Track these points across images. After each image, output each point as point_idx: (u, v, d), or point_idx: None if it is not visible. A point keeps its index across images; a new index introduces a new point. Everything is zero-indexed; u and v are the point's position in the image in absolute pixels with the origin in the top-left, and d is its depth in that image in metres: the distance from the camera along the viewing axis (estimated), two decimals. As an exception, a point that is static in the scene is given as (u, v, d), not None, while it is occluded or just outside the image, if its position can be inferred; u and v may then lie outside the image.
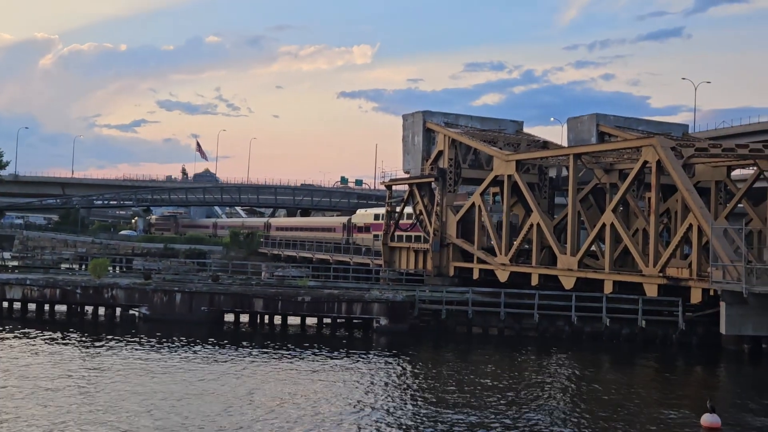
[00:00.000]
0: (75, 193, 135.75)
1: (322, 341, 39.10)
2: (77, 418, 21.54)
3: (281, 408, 23.76)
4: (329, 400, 25.24)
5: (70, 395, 24.46)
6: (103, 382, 26.59)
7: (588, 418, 24.27)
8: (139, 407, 23.14)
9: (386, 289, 47.75)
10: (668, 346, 39.77)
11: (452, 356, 36.51)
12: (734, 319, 37.40)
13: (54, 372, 28.20)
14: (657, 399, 28.40)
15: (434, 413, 24.09)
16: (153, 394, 24.95)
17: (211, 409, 23.28)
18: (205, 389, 26.14)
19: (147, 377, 27.90)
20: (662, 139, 44.90)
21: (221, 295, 43.65)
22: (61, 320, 43.34)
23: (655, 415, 25.03)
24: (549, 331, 41.71)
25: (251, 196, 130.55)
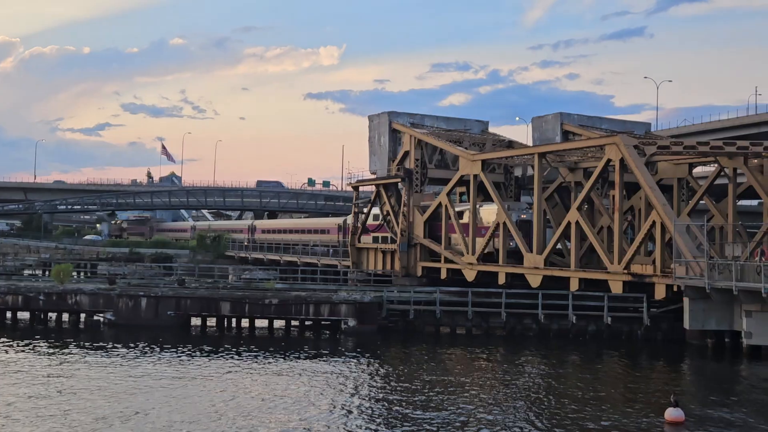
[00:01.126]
0: (38, 198, 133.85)
1: (290, 344, 38.88)
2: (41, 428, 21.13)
3: (248, 412, 23.51)
4: (297, 402, 25.01)
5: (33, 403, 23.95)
6: (67, 390, 26.08)
7: (554, 415, 24.36)
8: (103, 414, 22.74)
9: (354, 290, 47.64)
10: (634, 342, 40.19)
11: (420, 356, 36.46)
12: (697, 314, 37.88)
13: (17, 378, 27.62)
14: (622, 395, 28.64)
15: (402, 414, 24.00)
16: (117, 401, 24.55)
17: (176, 416, 22.96)
18: (171, 394, 25.78)
19: (111, 383, 27.44)
20: (625, 138, 45.36)
21: (187, 299, 43.17)
22: (24, 327, 42.51)
23: (620, 411, 25.19)
24: (516, 329, 41.92)
25: (217, 199, 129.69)
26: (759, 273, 35.36)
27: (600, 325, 41.09)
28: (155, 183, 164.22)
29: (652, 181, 43.32)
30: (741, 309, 36.62)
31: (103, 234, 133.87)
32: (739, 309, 36.84)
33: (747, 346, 36.00)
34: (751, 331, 36.12)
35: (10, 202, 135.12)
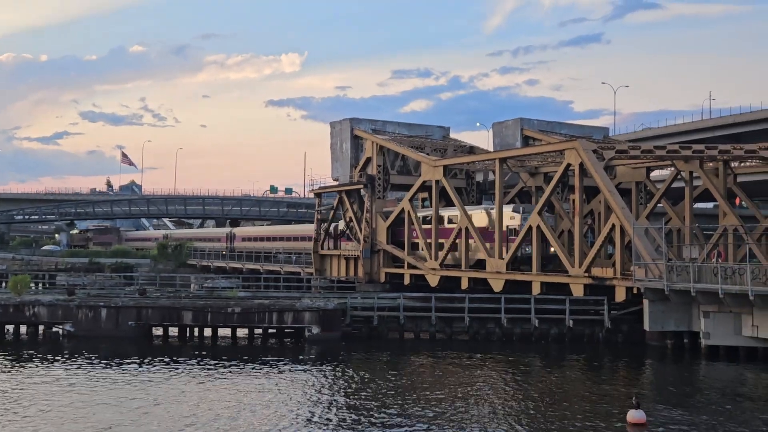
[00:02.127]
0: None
1: (253, 352, 38.49)
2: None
3: (209, 422, 23.18)
4: (259, 411, 24.72)
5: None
6: (25, 403, 25.50)
7: (517, 419, 24.39)
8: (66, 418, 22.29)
9: (318, 297, 47.37)
10: (595, 344, 40.44)
11: (384, 362, 36.35)
12: (657, 315, 38.32)
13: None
14: (584, 397, 28.75)
15: (366, 421, 23.87)
16: (76, 413, 24.04)
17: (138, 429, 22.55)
18: (132, 407, 25.31)
19: (71, 396, 26.86)
20: (584, 143, 45.77)
21: (149, 308, 42.54)
22: (-21, 341, 41.53)
23: (582, 413, 25.33)
24: (480, 333, 42.01)
25: (179, 207, 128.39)
26: (716, 274, 35.87)
27: (562, 328, 41.36)
28: (115, 192, 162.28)
29: (611, 185, 43.77)
30: (699, 310, 37.13)
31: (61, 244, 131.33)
32: (697, 310, 37.35)
33: (705, 347, 36.54)
34: (709, 332, 36.64)
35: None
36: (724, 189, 47.88)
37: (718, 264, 38.11)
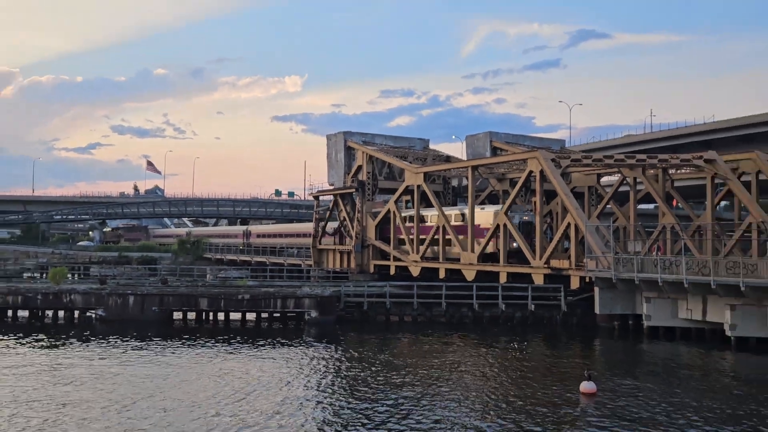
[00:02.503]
0: (36, 210, 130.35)
1: (261, 333, 38.42)
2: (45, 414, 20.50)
3: (224, 394, 23.16)
4: (266, 383, 24.75)
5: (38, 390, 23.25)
6: (66, 378, 25.39)
7: (485, 388, 24.52)
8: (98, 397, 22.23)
9: (316, 286, 47.37)
10: (553, 325, 40.60)
11: (373, 341, 36.36)
12: (606, 301, 38.52)
13: (21, 370, 26.78)
14: (543, 371, 28.88)
15: (358, 389, 23.94)
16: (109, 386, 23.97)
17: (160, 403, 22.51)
18: (158, 380, 25.26)
19: (104, 371, 26.77)
20: (544, 153, 45.89)
21: (170, 296, 42.46)
22: (23, 324, 41.24)
23: (542, 385, 25.45)
24: (455, 316, 42.05)
25: (196, 208, 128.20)
26: (656, 265, 36.12)
27: (525, 312, 41.48)
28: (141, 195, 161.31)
29: (567, 189, 43.93)
30: (641, 296, 37.35)
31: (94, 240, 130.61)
32: (640, 296, 37.57)
33: (647, 327, 36.73)
34: (650, 314, 36.85)
35: (11, 213, 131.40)
36: (663, 192, 48.12)
37: (657, 257, 38.40)
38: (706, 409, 21.86)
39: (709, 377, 28.06)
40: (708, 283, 33.41)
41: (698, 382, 26.61)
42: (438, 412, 21.23)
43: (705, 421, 20.45)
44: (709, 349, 32.83)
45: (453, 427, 19.70)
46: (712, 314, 34.75)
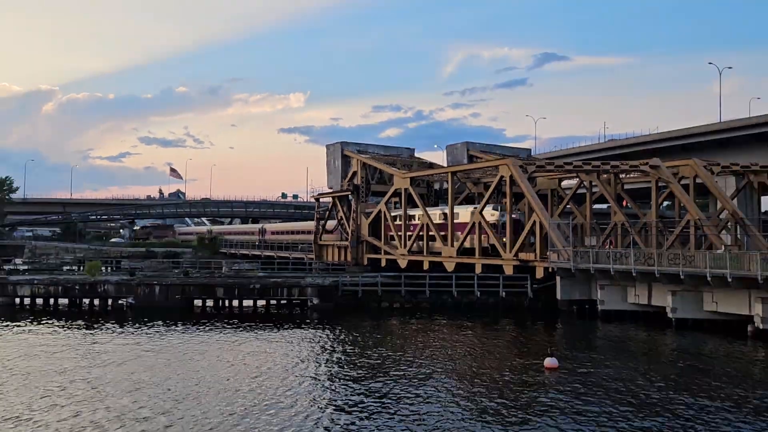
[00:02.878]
0: (74, 211, 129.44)
1: (270, 318, 38.41)
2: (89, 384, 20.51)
3: (238, 367, 23.23)
4: (276, 359, 24.81)
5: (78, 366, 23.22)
6: (103, 355, 25.37)
7: (462, 362, 24.68)
8: (134, 368, 22.26)
9: (317, 276, 47.33)
10: (521, 310, 40.52)
11: (367, 324, 36.39)
12: (566, 288, 38.76)
13: (63, 349, 26.73)
14: (512, 348, 29.09)
15: (353, 362, 24.05)
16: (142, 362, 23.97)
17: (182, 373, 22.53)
18: (182, 357, 25.25)
19: (136, 350, 26.74)
20: (513, 160, 46.07)
21: (191, 285, 42.42)
22: (63, 311, 41.04)
23: (511, 360, 25.67)
24: (437, 302, 41.96)
25: (213, 209, 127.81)
26: (608, 257, 36.37)
27: (497, 298, 41.44)
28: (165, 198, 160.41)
29: (533, 192, 44.10)
30: (596, 284, 37.55)
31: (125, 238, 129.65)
32: (595, 284, 37.77)
33: (601, 311, 36.90)
34: (604, 300, 37.08)
35: (52, 213, 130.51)
36: (615, 194, 48.36)
37: (610, 250, 38.68)
38: (652, 379, 22.10)
39: (654, 352, 28.37)
40: (653, 272, 33.68)
41: (645, 357, 26.87)
42: (422, 381, 21.34)
43: (651, 388, 20.68)
44: (654, 329, 33.06)
45: (435, 393, 19.84)
46: (657, 299, 35.06)
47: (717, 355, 27.16)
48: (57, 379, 21.80)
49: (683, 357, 26.84)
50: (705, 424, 17.14)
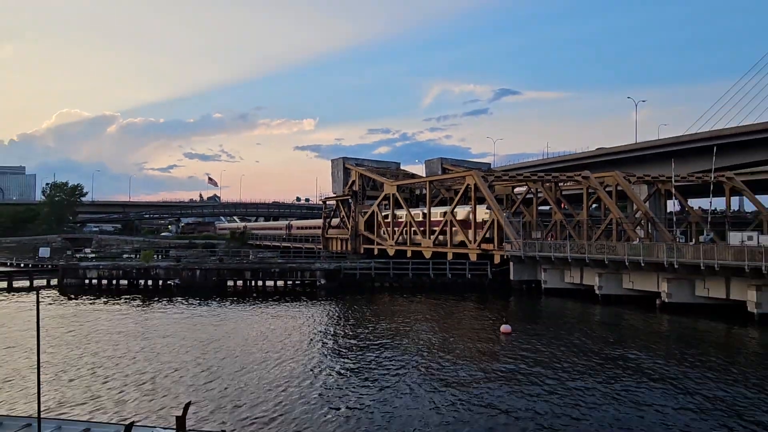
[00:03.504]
0: (131, 211, 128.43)
1: (287, 294, 38.44)
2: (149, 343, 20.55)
3: (266, 331, 23.32)
4: (293, 325, 24.91)
5: (139, 334, 23.24)
6: (156, 323, 25.39)
7: (436, 329, 24.81)
8: (181, 333, 22.31)
9: (324, 262, 47.36)
10: (483, 288, 40.54)
11: (363, 300, 36.45)
12: (517, 271, 39.05)
13: (127, 317, 26.71)
14: (475, 317, 29.25)
15: (353, 330, 24.17)
16: (189, 330, 24.00)
17: (219, 336, 22.59)
18: (221, 326, 25.31)
19: (183, 323, 26.76)
20: (477, 172, 46.34)
21: (224, 269, 42.33)
22: (123, 290, 40.89)
23: (473, 327, 25.84)
24: (417, 283, 42.02)
25: (242, 210, 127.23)
26: (550, 247, 36.74)
27: (464, 279, 41.50)
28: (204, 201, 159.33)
29: (492, 196, 44.38)
30: (541, 267, 37.90)
31: (172, 232, 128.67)
32: (539, 267, 38.12)
33: (545, 289, 37.24)
34: (547, 280, 37.44)
35: (114, 213, 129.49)
36: (555, 198, 48.75)
37: (551, 241, 39.05)
38: (583, 340, 22.42)
39: (585, 321, 28.64)
40: (584, 259, 34.07)
41: (578, 324, 27.13)
42: (404, 342, 21.52)
43: (583, 347, 21.01)
44: (584, 303, 33.30)
45: (413, 353, 20.01)
46: (587, 279, 35.45)
47: (633, 321, 27.56)
48: (120, 342, 21.79)
49: (607, 324, 27.22)
50: (622, 370, 17.48)
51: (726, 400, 14.79)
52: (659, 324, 27.22)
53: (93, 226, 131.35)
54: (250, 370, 17.52)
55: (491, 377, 17.02)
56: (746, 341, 23.27)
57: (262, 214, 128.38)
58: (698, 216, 46.29)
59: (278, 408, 13.85)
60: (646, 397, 15.07)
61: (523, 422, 13.00)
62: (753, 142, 57.09)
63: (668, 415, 13.57)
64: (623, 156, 70.12)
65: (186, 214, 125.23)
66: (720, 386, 16.10)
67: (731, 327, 25.60)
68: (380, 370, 17.82)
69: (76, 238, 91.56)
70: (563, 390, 15.61)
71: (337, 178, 62.64)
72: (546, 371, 17.68)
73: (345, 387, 15.81)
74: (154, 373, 17.22)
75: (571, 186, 51.77)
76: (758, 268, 25.59)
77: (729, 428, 12.65)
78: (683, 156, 60.12)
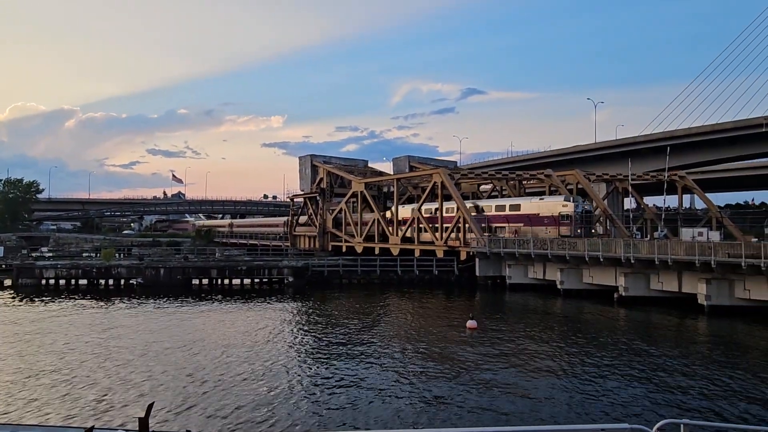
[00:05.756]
0: (91, 208, 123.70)
1: (255, 293, 37.77)
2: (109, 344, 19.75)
3: (231, 329, 22.81)
4: (261, 325, 24.46)
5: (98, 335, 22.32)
6: (117, 323, 24.43)
7: (404, 324, 24.83)
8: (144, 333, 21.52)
9: (292, 260, 46.85)
10: (449, 284, 40.95)
11: (331, 297, 36.20)
12: (483, 267, 39.57)
13: (83, 319, 25.62)
14: (442, 312, 29.38)
15: (321, 325, 23.95)
16: (150, 330, 23.22)
17: (183, 336, 21.97)
18: (185, 325, 24.62)
19: (147, 322, 25.90)
20: (443, 169, 46.71)
21: (190, 268, 41.25)
22: (83, 290, 39.22)
23: (441, 322, 25.97)
24: (385, 279, 42.12)
25: (208, 207, 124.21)
26: (514, 243, 37.37)
27: (431, 275, 41.79)
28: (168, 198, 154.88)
29: (458, 194, 44.84)
30: (505, 263, 38.52)
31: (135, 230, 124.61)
32: (504, 263, 38.72)
33: (509, 284, 37.79)
34: (511, 276, 38.04)
35: (73, 210, 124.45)
36: (519, 195, 49.62)
37: (515, 238, 39.72)
38: (546, 333, 22.89)
39: (548, 314, 29.22)
40: (546, 255, 34.79)
41: (540, 317, 27.68)
42: (371, 339, 21.45)
43: (545, 339, 21.45)
44: (547, 297, 33.99)
45: (381, 347, 19.98)
46: (549, 274, 36.23)
47: (592, 314, 28.32)
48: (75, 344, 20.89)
49: (568, 316, 27.86)
50: (581, 359, 17.93)
51: (675, 385, 15.38)
52: (616, 316, 28.07)
53: (50, 224, 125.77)
54: (215, 369, 17.10)
55: (457, 372, 17.15)
56: (696, 331, 24.28)
57: (229, 212, 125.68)
58: (653, 213, 48.12)
59: (243, 407, 13.56)
60: (600, 383, 15.50)
61: (486, 412, 13.16)
62: (703, 143, 59.65)
63: (620, 400, 14.00)
64: (583, 155, 72.06)
65: (149, 211, 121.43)
66: (670, 373, 16.73)
67: (683, 318, 26.65)
68: (347, 366, 17.70)
69: (32, 236, 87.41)
70: (525, 381, 15.89)
71: (305, 176, 62.02)
72: (509, 364, 17.94)
73: (311, 384, 15.63)
74: (116, 374, 16.59)
75: (534, 184, 52.80)
76: (708, 262, 26.73)
77: (681, 409, 13.15)
78: (639, 155, 62.25)
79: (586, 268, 33.77)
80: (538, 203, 42.11)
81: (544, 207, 41.54)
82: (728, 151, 59.83)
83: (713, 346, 20.88)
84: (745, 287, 26.75)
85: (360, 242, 52.75)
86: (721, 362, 18.37)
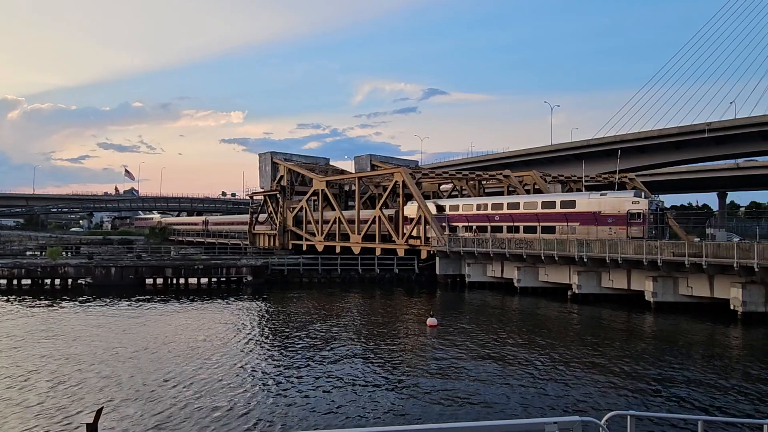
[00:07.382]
0: (36, 204, 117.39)
1: (212, 293, 36.87)
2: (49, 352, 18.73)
3: (186, 330, 22.14)
4: (217, 325, 23.88)
5: (42, 337, 21.16)
6: (63, 325, 23.25)
7: (365, 323, 24.86)
8: (92, 335, 20.56)
9: (251, 258, 46.02)
10: (410, 282, 41.38)
11: (291, 296, 35.79)
12: (443, 265, 40.09)
13: (27, 323, 24.23)
14: (403, 311, 29.53)
15: (279, 326, 23.62)
16: (101, 333, 22.23)
17: (135, 339, 21.17)
18: (137, 327, 23.71)
19: (96, 321, 24.76)
20: (405, 169, 46.99)
21: (143, 267, 39.82)
22: (26, 290, 37.17)
23: (402, 320, 26.12)
24: (346, 278, 42.16)
25: (163, 204, 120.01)
26: (474, 243, 38.03)
27: (392, 273, 42.11)
28: (121, 194, 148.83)
29: (419, 193, 45.24)
30: (465, 262, 39.18)
31: (84, 227, 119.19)
32: (464, 262, 39.39)
33: (468, 282, 38.51)
34: (470, 274, 38.72)
35: (16, 206, 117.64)
36: (478, 195, 50.55)
37: (474, 237, 40.45)
38: (504, 330, 23.39)
39: (505, 311, 29.84)
40: (504, 254, 35.58)
41: (498, 315, 28.26)
42: (332, 338, 21.33)
43: (502, 336, 21.94)
44: (505, 295, 34.75)
45: (342, 345, 19.91)
46: (507, 273, 37.09)
47: (547, 311, 29.18)
48: (20, 350, 19.76)
49: (524, 314, 28.59)
50: (535, 355, 18.47)
51: (624, 378, 16.07)
52: (569, 313, 29.05)
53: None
54: (167, 371, 16.56)
55: (416, 370, 17.30)
56: (643, 326, 25.44)
57: (185, 209, 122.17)
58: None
59: (196, 410, 13.19)
60: (553, 377, 16.01)
61: (445, 407, 13.33)
62: (651, 146, 62.60)
63: (571, 393, 14.50)
64: (540, 156, 74.20)
65: (100, 208, 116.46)
66: (619, 367, 17.47)
67: (631, 314, 27.88)
68: (307, 365, 17.54)
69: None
70: (481, 376, 16.20)
71: (265, 173, 61.00)
72: (467, 361, 18.25)
73: (268, 385, 15.39)
74: (62, 378, 15.80)
75: (493, 184, 53.93)
76: (654, 261, 28.07)
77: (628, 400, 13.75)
78: (592, 158, 64.66)
79: (542, 267, 34.76)
80: (599, 200, 35.58)
81: (607, 204, 35.19)
82: (674, 155, 63.03)
83: (659, 341, 21.94)
84: (688, 284, 28.25)
85: (321, 241, 52.38)
86: (667, 355, 19.33)
